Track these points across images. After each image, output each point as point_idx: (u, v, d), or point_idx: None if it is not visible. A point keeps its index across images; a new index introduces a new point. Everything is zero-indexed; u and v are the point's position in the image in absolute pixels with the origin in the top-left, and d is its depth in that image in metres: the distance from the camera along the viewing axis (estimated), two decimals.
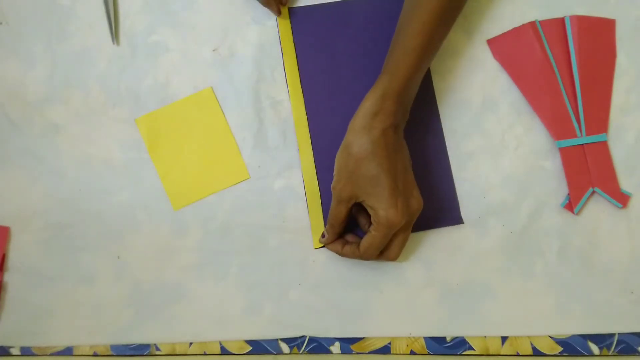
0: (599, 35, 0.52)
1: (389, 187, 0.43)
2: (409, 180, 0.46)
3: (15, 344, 0.50)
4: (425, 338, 0.48)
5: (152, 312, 0.49)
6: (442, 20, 0.46)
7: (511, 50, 0.52)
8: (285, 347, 0.49)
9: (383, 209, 0.43)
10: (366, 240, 0.45)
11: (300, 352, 0.49)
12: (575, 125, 0.51)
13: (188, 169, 0.52)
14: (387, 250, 0.46)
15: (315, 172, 0.51)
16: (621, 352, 0.48)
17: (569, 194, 0.50)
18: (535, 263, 0.49)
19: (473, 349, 0.48)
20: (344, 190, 0.45)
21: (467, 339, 0.48)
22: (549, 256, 0.49)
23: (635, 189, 0.50)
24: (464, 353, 0.48)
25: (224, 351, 0.49)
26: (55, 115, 0.53)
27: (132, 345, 0.49)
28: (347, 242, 0.48)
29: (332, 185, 0.46)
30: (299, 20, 0.54)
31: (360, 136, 0.44)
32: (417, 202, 0.46)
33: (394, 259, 0.46)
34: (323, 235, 0.49)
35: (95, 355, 0.49)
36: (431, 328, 0.48)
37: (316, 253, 0.50)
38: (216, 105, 0.53)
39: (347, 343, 0.49)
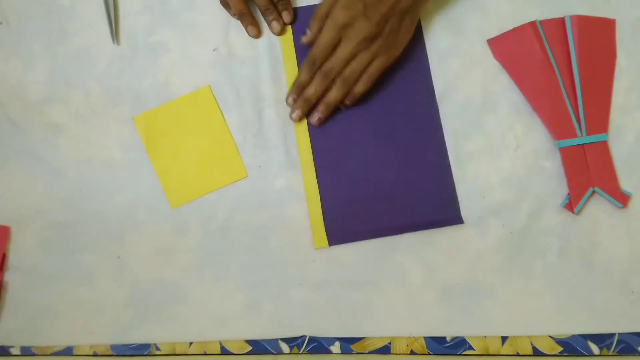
0: (599, 35, 0.52)
1: None
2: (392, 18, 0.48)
3: (15, 343, 0.50)
4: (425, 338, 0.48)
5: (152, 312, 0.49)
6: None
7: (511, 50, 0.52)
8: (285, 347, 0.49)
9: (339, 3, 0.47)
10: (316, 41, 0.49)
11: (300, 352, 0.49)
12: (575, 125, 0.51)
13: (185, 167, 0.52)
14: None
15: (315, 172, 0.51)
16: (621, 352, 0.48)
17: (569, 194, 0.50)
18: (535, 263, 0.49)
19: (473, 349, 0.48)
20: None
21: (467, 339, 0.48)
22: (549, 256, 0.49)
23: (635, 189, 0.50)
24: (464, 353, 0.48)
25: (224, 351, 0.49)
26: (55, 115, 0.53)
27: (132, 345, 0.49)
28: None
29: None
30: (299, 20, 0.54)
31: None
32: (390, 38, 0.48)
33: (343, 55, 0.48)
34: (305, 33, 0.51)
35: (95, 355, 0.49)
36: (431, 328, 0.48)
37: (316, 253, 0.50)
38: (213, 103, 0.53)
39: (347, 343, 0.49)
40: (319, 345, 0.49)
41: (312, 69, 0.49)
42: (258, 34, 0.52)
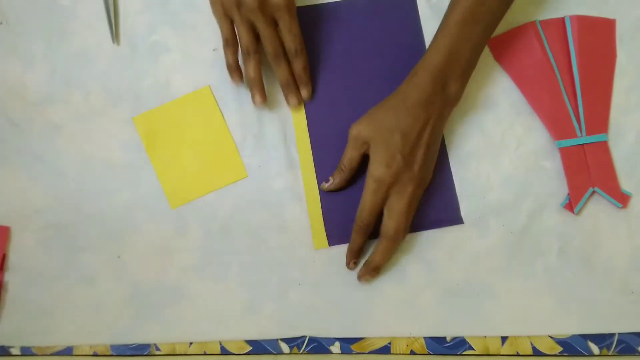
0: (599, 35, 0.52)
1: (395, 145, 0.45)
2: (423, 156, 0.47)
3: (15, 344, 0.50)
4: (425, 338, 0.48)
5: (152, 312, 0.49)
6: None
7: (511, 50, 0.52)
8: (285, 347, 0.49)
9: (377, 162, 0.46)
10: (360, 204, 0.47)
11: (300, 352, 0.49)
12: (575, 125, 0.51)
13: (185, 167, 0.52)
14: (372, 255, 0.48)
15: (314, 172, 0.51)
16: (621, 352, 0.48)
17: (569, 194, 0.50)
18: (535, 263, 0.49)
19: (473, 349, 0.48)
20: (361, 131, 0.47)
21: (467, 339, 0.48)
22: (549, 256, 0.49)
23: (635, 189, 0.50)
24: (464, 353, 0.48)
25: (224, 351, 0.49)
26: (55, 115, 0.53)
27: (132, 345, 0.49)
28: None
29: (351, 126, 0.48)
30: (299, 20, 0.54)
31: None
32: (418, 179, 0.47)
33: (378, 262, 0.47)
34: (327, 180, 0.50)
35: (95, 355, 0.49)
36: (431, 328, 0.48)
37: (316, 253, 0.50)
38: (213, 104, 0.53)
39: (347, 343, 0.49)
40: (319, 345, 0.49)
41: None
42: (264, 103, 0.50)
